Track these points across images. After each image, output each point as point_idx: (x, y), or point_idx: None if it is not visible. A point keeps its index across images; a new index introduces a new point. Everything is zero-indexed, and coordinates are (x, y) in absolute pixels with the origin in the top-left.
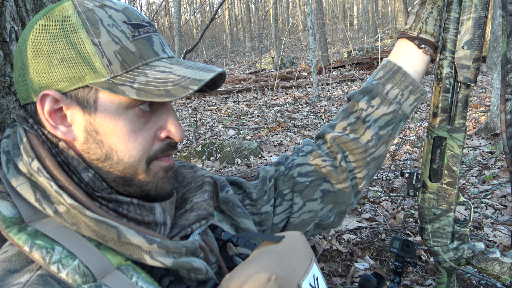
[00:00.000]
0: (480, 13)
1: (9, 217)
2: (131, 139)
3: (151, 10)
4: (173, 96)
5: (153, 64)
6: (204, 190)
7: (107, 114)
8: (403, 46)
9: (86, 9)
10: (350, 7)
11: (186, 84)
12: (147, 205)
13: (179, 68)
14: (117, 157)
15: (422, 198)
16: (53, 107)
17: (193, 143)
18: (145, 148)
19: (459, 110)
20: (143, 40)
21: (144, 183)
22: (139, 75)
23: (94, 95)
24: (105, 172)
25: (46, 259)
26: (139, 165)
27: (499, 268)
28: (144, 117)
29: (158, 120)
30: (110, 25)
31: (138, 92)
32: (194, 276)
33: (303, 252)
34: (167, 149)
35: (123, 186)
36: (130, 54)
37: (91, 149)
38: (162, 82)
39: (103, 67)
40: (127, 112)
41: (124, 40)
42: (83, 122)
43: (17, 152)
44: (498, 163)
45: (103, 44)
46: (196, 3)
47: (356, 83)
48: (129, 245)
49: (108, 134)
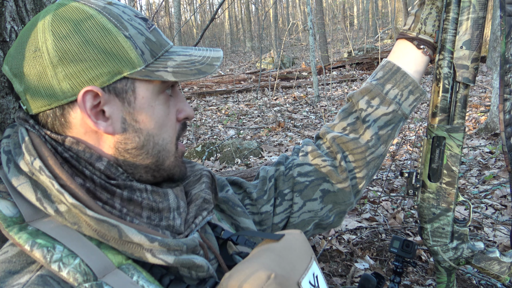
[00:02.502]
0: (478, 14)
1: (10, 216)
2: (164, 123)
3: (151, 10)
4: (204, 73)
5: (172, 50)
6: (202, 182)
7: (145, 102)
8: (402, 47)
9: (101, 6)
10: (350, 7)
11: (210, 61)
12: (161, 191)
13: (193, 51)
14: (153, 142)
15: (421, 197)
16: (93, 103)
17: (193, 143)
18: (173, 130)
19: (458, 110)
20: (155, 31)
21: (172, 167)
22: (167, 60)
23: (132, 85)
24: (142, 159)
25: (47, 258)
26: (171, 147)
27: (498, 267)
28: (169, 100)
29: (175, 103)
30: (129, 19)
31: (175, 74)
32: (195, 274)
33: (302, 251)
34: (184, 128)
35: (153, 172)
36: (154, 44)
37: (129, 138)
38: (190, 63)
39: (138, 57)
40: (159, 97)
41: (145, 32)
42: (121, 113)
43: (18, 151)
44: (498, 163)
45: (133, 36)
46: (196, 3)
47: (356, 83)
48: (130, 243)
49: (147, 120)
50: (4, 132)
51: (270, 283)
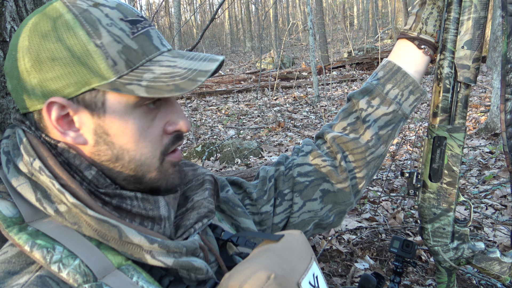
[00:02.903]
0: (480, 14)
1: (10, 217)
2: (141, 138)
3: (151, 10)
4: (183, 90)
5: (157, 59)
6: (204, 188)
7: (116, 115)
8: (403, 47)
9: (82, 9)
10: (350, 7)
11: (194, 77)
12: (151, 198)
13: (183, 60)
14: (128, 157)
15: (422, 197)
16: (60, 113)
17: (193, 143)
18: (156, 145)
19: (459, 110)
20: (142, 36)
21: (155, 180)
22: (145, 72)
23: (102, 97)
24: (116, 172)
25: (47, 259)
26: (152, 162)
27: (499, 267)
28: (151, 113)
29: (164, 115)
30: (109, 24)
31: (148, 89)
32: (194, 276)
33: (302, 251)
34: (176, 141)
35: (134, 184)
36: (133, 52)
37: (102, 151)
38: (170, 77)
39: (109, 68)
40: (135, 111)
41: (125, 38)
42: (92, 125)
43: (17, 152)
44: (498, 163)
45: (106, 45)
46: (196, 3)
47: (356, 83)
48: (130, 244)
49: (119, 134)
50: (4, 133)
51: (270, 284)
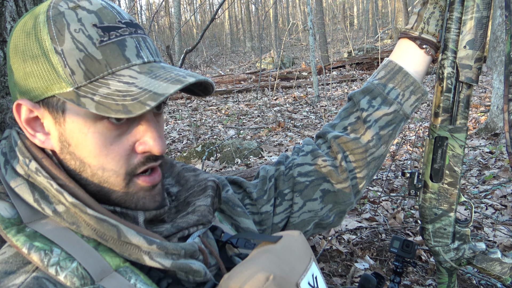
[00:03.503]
0: (482, 13)
1: (8, 217)
2: (102, 154)
3: (151, 10)
4: (130, 113)
5: (120, 73)
6: (207, 195)
7: (75, 126)
8: (405, 46)
9: (57, 12)
10: (350, 7)
11: (145, 99)
12: (130, 213)
13: (145, 78)
14: (90, 171)
15: (423, 198)
16: (29, 115)
17: (193, 143)
18: (120, 163)
19: (461, 110)
20: (112, 46)
21: (122, 201)
22: (101, 86)
23: (62, 105)
24: (84, 184)
25: (45, 262)
26: (117, 181)
27: (500, 268)
28: (116, 129)
29: (135, 132)
30: (76, 30)
31: (98, 106)
32: (192, 278)
33: (302, 251)
34: (147, 162)
35: (103, 199)
36: (95, 63)
37: (67, 159)
38: (121, 96)
39: (66, 77)
40: (96, 124)
41: (89, 47)
42: (56, 132)
43: (13, 154)
44: (498, 163)
45: (65, 52)
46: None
47: (356, 83)
48: (128, 245)
49: (79, 146)
50: (3, 133)
51: (268, 285)
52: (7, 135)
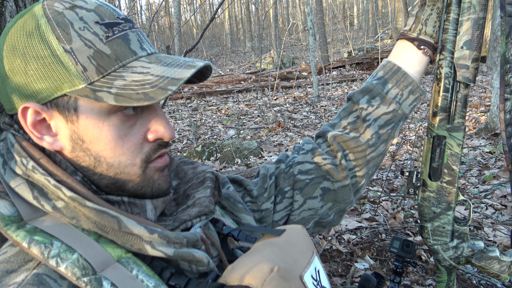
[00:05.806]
0: (478, 14)
1: (8, 215)
2: (118, 145)
3: (151, 10)
4: (152, 99)
5: (131, 65)
6: (206, 186)
7: (89, 122)
8: (403, 47)
9: (56, 13)
10: (350, 7)
11: (165, 85)
12: (138, 202)
13: (158, 67)
14: (106, 164)
15: (422, 196)
16: (35, 118)
17: (193, 143)
18: (135, 152)
19: (458, 110)
20: (118, 40)
21: (138, 188)
22: (116, 78)
23: (74, 103)
24: (97, 179)
25: (45, 254)
26: (132, 170)
27: (498, 266)
28: (128, 120)
29: (145, 122)
30: (81, 28)
31: (117, 97)
32: (195, 268)
33: (304, 245)
34: (159, 149)
35: (117, 191)
36: (105, 57)
37: (80, 157)
38: (140, 85)
39: (78, 74)
40: (110, 117)
41: (97, 43)
42: (68, 131)
43: (10, 156)
44: (498, 163)
45: (75, 50)
46: (196, 3)
47: (356, 83)
48: (129, 235)
49: (94, 141)
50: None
51: (273, 276)
52: (4, 137)
